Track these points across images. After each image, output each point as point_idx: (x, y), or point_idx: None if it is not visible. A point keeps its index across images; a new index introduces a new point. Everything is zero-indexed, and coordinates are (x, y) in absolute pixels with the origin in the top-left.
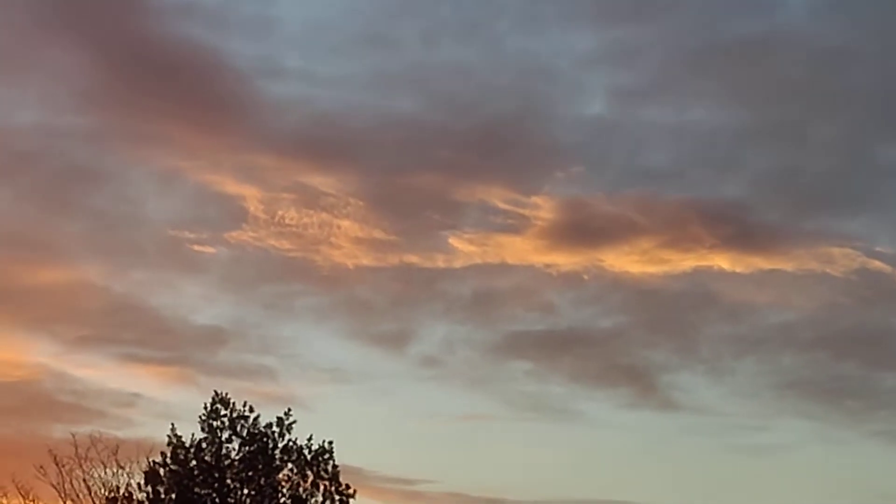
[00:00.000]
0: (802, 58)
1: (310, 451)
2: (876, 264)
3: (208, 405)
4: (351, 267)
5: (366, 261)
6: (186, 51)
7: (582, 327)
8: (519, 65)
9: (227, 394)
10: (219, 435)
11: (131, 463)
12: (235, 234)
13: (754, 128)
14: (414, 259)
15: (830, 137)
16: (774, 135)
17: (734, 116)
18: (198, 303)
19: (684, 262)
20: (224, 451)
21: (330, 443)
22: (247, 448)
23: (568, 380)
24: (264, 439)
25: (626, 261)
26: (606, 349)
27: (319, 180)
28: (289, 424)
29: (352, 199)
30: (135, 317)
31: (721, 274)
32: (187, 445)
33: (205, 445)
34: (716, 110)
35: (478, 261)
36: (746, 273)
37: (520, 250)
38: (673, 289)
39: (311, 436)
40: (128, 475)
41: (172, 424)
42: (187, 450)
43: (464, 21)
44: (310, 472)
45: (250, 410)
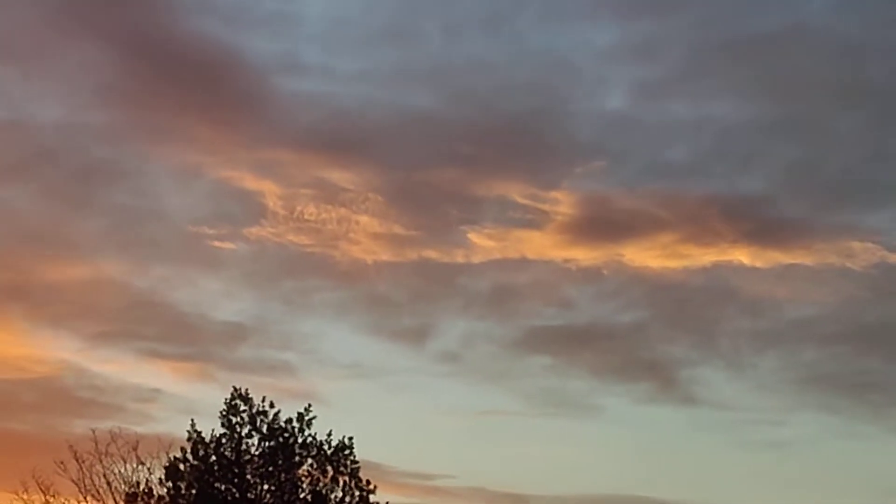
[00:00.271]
0: (824, 51)
1: (329, 447)
2: None
3: (228, 401)
4: (370, 262)
5: (385, 256)
6: (206, 47)
7: (602, 322)
8: (540, 59)
9: (246, 389)
10: (238, 430)
11: (151, 458)
12: (255, 230)
13: (776, 122)
14: (433, 254)
15: (852, 131)
16: (796, 129)
17: (755, 111)
18: (217, 299)
19: (705, 256)
20: (244, 447)
21: (350, 438)
22: (267, 443)
23: (588, 375)
24: (284, 435)
25: (647, 256)
26: (626, 344)
27: (338, 176)
28: (308, 420)
29: (371, 195)
30: (155, 313)
31: (741, 268)
32: (207, 441)
33: (225, 441)
34: (737, 104)
35: (497, 256)
36: (767, 267)
37: (539, 245)
38: (693, 283)
39: (330, 431)
40: (148, 471)
41: (192, 420)
42: (207, 445)
43: (484, 16)
44: (330, 467)
45: (270, 406)
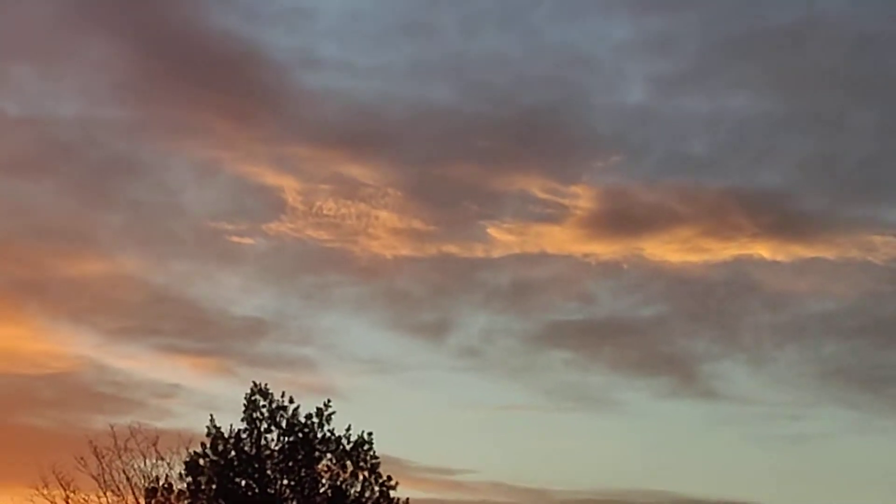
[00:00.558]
0: (841, 44)
1: (349, 442)
2: None
3: (248, 396)
4: (389, 257)
5: (404, 251)
6: (225, 42)
7: (622, 317)
8: (557, 54)
9: (266, 384)
10: (258, 426)
11: (171, 454)
12: (274, 226)
13: (794, 115)
14: (452, 249)
15: (871, 124)
16: (815, 122)
17: (774, 104)
18: (237, 294)
19: (725, 250)
20: (263, 442)
21: (369, 433)
22: (286, 439)
23: (608, 369)
24: (304, 430)
25: (666, 250)
26: (646, 338)
27: (357, 171)
28: (328, 415)
29: (390, 190)
30: (174, 308)
31: (761, 262)
32: (227, 436)
33: (244, 436)
34: (755, 98)
35: (516, 250)
36: (787, 261)
37: (559, 240)
38: (713, 277)
39: (349, 426)
40: (168, 466)
41: (212, 415)
42: (227, 440)
43: (502, 10)
44: (349, 462)
45: (290, 401)
